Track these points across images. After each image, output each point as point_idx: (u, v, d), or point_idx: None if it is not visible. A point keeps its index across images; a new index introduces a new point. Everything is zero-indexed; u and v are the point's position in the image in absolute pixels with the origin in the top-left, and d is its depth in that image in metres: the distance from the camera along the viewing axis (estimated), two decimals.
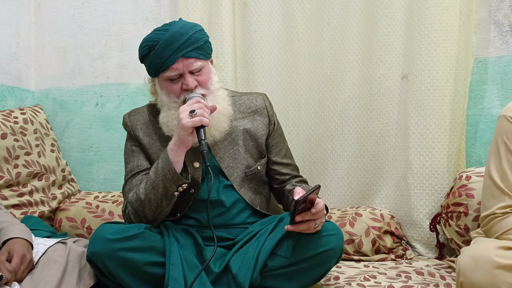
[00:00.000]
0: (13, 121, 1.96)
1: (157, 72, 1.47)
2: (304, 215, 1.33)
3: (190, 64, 1.44)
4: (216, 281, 1.40)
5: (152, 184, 1.42)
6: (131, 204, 1.46)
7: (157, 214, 1.45)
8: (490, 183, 1.36)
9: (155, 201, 1.42)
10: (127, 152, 1.59)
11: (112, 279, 1.38)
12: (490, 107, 1.94)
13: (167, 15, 2.24)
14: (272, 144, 1.63)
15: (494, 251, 1.15)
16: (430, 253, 1.88)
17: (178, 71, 1.44)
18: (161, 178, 1.40)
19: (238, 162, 1.56)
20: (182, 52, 1.42)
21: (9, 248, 1.35)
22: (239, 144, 1.56)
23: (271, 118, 1.62)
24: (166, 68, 1.43)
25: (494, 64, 1.93)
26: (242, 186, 1.56)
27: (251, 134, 1.58)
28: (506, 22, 1.92)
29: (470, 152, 1.96)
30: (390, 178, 1.98)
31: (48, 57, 2.36)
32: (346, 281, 1.53)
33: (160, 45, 1.42)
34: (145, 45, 1.47)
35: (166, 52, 1.42)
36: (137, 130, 1.57)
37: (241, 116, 1.59)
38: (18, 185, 1.88)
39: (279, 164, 1.63)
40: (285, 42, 2.09)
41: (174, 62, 1.42)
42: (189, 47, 1.43)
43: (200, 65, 1.46)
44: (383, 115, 1.98)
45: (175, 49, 1.42)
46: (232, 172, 1.55)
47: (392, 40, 1.95)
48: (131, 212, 1.46)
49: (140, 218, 1.45)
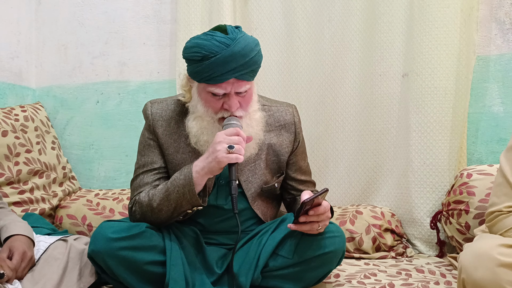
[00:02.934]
0: (13, 119, 1.96)
1: (202, 81, 1.37)
2: (308, 217, 1.32)
3: (240, 86, 1.36)
4: (217, 281, 1.40)
5: (167, 196, 1.38)
6: (141, 205, 1.42)
7: (164, 223, 1.43)
8: (502, 180, 1.35)
9: (166, 212, 1.39)
10: (142, 143, 1.53)
11: (113, 277, 1.38)
12: (491, 105, 1.94)
13: (167, 12, 2.24)
14: (293, 161, 1.57)
15: (497, 249, 1.14)
16: (430, 251, 1.89)
17: (225, 91, 1.36)
18: (179, 195, 1.36)
19: (257, 177, 1.51)
20: (236, 74, 1.33)
21: (10, 245, 1.35)
22: (262, 159, 1.50)
23: (298, 136, 1.56)
24: (214, 83, 1.35)
25: (495, 62, 1.93)
26: (256, 201, 1.52)
27: (275, 149, 1.53)
28: (507, 20, 1.91)
29: (471, 150, 1.96)
30: (390, 176, 1.98)
31: (49, 54, 2.35)
32: (347, 279, 1.53)
33: (216, 60, 1.31)
34: (198, 51, 1.34)
35: (220, 69, 1.32)
36: (157, 126, 1.49)
37: (268, 129, 1.52)
38: (19, 182, 1.88)
39: (297, 181, 1.59)
40: (286, 40, 2.09)
41: (225, 81, 1.34)
42: (245, 70, 1.34)
43: (248, 87, 1.39)
44: (384, 113, 1.98)
45: (230, 69, 1.32)
46: (249, 187, 1.50)
47: (393, 38, 1.95)
48: (138, 213, 1.43)
49: (145, 221, 1.42)
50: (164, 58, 2.25)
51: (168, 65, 2.24)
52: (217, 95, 1.37)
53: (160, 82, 2.25)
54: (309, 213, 1.31)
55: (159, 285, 1.36)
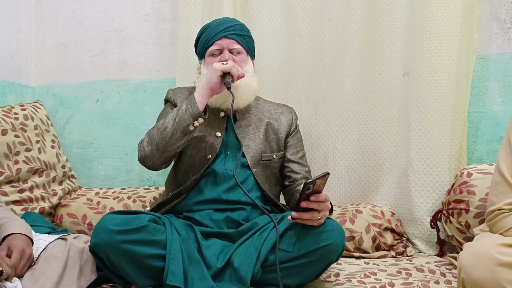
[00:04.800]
0: (13, 117, 1.96)
1: (204, 50, 1.69)
2: (310, 203, 1.35)
3: (230, 43, 1.67)
4: (217, 275, 1.41)
5: (172, 116, 1.55)
6: (149, 133, 1.59)
7: (167, 145, 1.55)
8: (499, 178, 1.36)
9: (170, 130, 1.54)
10: (162, 113, 1.74)
11: (114, 270, 1.40)
12: (491, 104, 1.93)
13: (167, 11, 2.23)
14: (291, 144, 1.75)
15: (496, 248, 1.14)
16: (430, 250, 1.88)
17: (220, 46, 1.66)
18: (182, 111, 1.54)
19: (256, 145, 1.68)
20: (226, 33, 1.67)
21: (9, 243, 1.35)
22: (261, 131, 1.71)
23: (294, 121, 1.78)
24: (211, 44, 1.67)
25: (495, 61, 1.92)
26: (256, 167, 1.66)
27: (274, 127, 1.73)
28: (508, 19, 1.91)
29: (471, 149, 1.96)
30: (390, 175, 1.98)
31: (49, 53, 2.35)
32: (347, 278, 1.53)
33: (211, 26, 1.69)
34: (200, 30, 1.73)
35: (214, 31, 1.67)
36: (177, 98, 1.73)
37: (268, 114, 1.76)
38: (19, 181, 1.88)
39: (294, 162, 1.74)
40: (286, 38, 2.08)
41: (218, 39, 1.66)
42: (232, 31, 1.67)
43: (239, 48, 1.68)
44: (384, 112, 1.98)
45: (221, 30, 1.67)
46: (249, 151, 1.67)
47: (393, 37, 1.95)
48: (146, 140, 1.59)
49: (151, 146, 1.56)
50: (164, 57, 2.25)
51: (168, 64, 2.24)
52: (215, 54, 1.67)
53: (160, 80, 2.25)
54: (311, 199, 1.34)
55: (159, 279, 1.37)
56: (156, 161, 1.58)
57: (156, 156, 1.57)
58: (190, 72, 2.09)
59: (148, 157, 1.58)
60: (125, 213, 1.41)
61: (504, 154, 1.36)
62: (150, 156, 1.57)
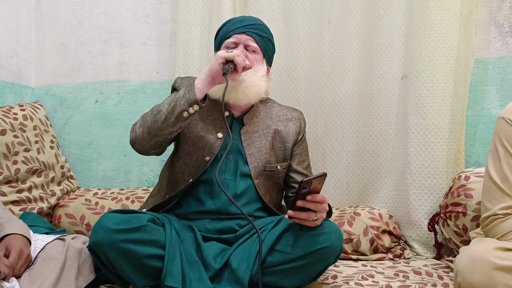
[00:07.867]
0: (12, 117, 1.96)
1: (221, 42, 1.64)
2: (306, 202, 1.33)
3: (248, 40, 1.61)
4: (215, 277, 1.41)
5: (168, 100, 1.50)
6: (143, 115, 1.55)
7: (159, 130, 1.49)
8: (490, 184, 1.36)
9: (164, 114, 1.48)
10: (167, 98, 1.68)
11: (112, 270, 1.39)
12: (489, 108, 1.94)
13: (167, 12, 2.24)
14: (297, 153, 1.70)
15: (492, 252, 1.14)
16: (428, 253, 1.89)
17: (236, 40, 1.61)
18: (178, 96, 1.48)
19: (261, 155, 1.62)
20: (246, 29, 1.62)
21: (7, 243, 1.35)
22: (268, 140, 1.65)
23: (302, 129, 1.72)
24: (229, 36, 1.62)
25: (494, 65, 1.93)
26: (258, 178, 1.61)
27: (281, 136, 1.67)
28: (506, 23, 1.92)
29: (469, 152, 1.96)
30: (389, 177, 1.99)
31: (48, 53, 2.36)
32: (344, 280, 1.53)
33: (233, 21, 1.66)
34: (222, 24, 1.69)
35: (235, 25, 1.63)
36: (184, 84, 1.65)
37: (277, 120, 1.69)
38: (17, 181, 1.88)
39: (299, 173, 1.69)
40: (285, 41, 2.09)
41: (237, 33, 1.62)
42: (253, 29, 1.63)
43: (255, 47, 1.62)
44: (383, 115, 1.98)
45: (242, 26, 1.63)
46: (253, 160, 1.61)
47: (392, 40, 1.95)
48: (139, 121, 1.54)
49: (142, 128, 1.51)
50: (164, 58, 2.25)
51: (167, 65, 2.25)
52: (230, 47, 1.61)
53: (160, 82, 2.25)
54: (307, 198, 1.33)
55: (158, 280, 1.37)
56: (146, 144, 1.52)
57: (146, 139, 1.51)
58: (190, 74, 2.10)
59: (138, 139, 1.52)
60: (124, 212, 1.41)
61: (492, 159, 1.36)
62: (140, 139, 1.52)
